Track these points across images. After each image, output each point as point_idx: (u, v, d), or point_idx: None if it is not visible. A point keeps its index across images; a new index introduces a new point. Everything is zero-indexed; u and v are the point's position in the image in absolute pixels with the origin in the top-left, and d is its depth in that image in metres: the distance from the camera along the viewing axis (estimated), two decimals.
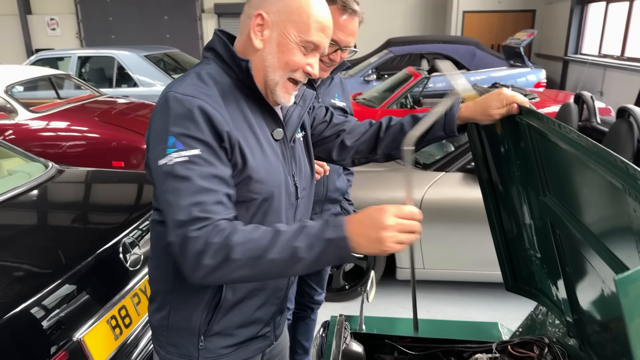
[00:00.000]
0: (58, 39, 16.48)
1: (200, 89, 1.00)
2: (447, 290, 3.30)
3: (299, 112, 1.18)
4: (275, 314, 1.24)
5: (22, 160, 2.42)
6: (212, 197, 0.94)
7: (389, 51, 7.88)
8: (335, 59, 1.67)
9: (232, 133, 0.99)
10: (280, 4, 1.03)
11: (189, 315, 1.10)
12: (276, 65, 1.04)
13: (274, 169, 1.08)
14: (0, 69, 5.28)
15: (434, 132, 1.33)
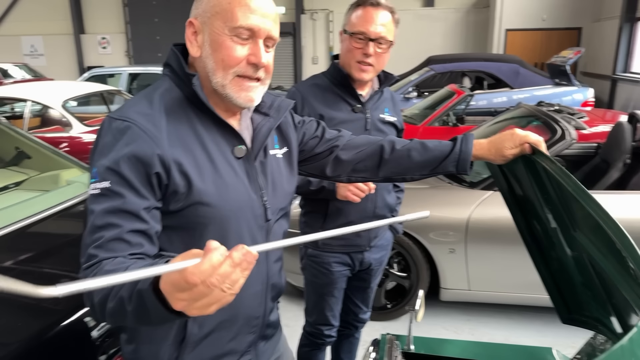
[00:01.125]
0: (108, 57, 17.26)
1: (138, 109, 0.94)
2: (492, 313, 3.20)
3: (271, 124, 1.09)
4: (255, 341, 1.16)
5: (80, 171, 2.53)
6: (111, 232, 0.85)
7: (430, 69, 7.85)
8: (368, 52, 1.66)
9: (167, 156, 0.91)
10: (203, 5, 0.98)
11: (156, 350, 1.03)
12: (214, 66, 0.96)
13: (231, 190, 0.99)
14: (57, 84, 5.57)
15: (445, 166, 1.29)
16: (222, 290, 0.66)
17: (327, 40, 15.53)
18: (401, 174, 1.35)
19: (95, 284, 0.59)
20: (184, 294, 0.66)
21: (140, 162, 0.89)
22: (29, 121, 4.84)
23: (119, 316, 0.78)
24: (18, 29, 18.40)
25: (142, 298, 0.72)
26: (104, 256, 0.83)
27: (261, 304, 1.12)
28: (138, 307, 0.74)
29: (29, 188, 2.38)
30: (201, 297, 0.66)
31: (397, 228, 2.11)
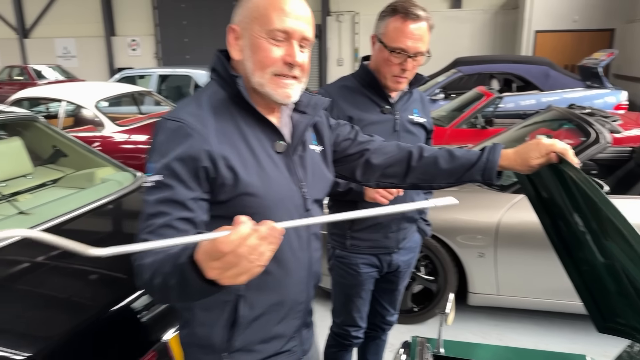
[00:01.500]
0: (138, 59, 17.63)
1: (188, 110, 1.03)
2: (521, 318, 3.14)
3: (308, 121, 1.17)
4: (300, 327, 1.23)
5: (114, 170, 2.59)
6: (161, 220, 0.94)
7: (457, 70, 7.77)
8: (406, 67, 1.66)
9: (214, 152, 0.99)
10: (243, 11, 1.07)
11: (209, 332, 1.11)
12: (253, 67, 1.05)
13: (273, 182, 1.07)
14: (90, 85, 5.72)
15: (471, 174, 1.30)
16: (250, 261, 0.72)
17: (352, 42, 15.53)
18: (428, 182, 1.37)
19: (137, 247, 0.70)
20: (216, 263, 0.73)
21: (189, 158, 0.97)
22: (63, 121, 4.99)
23: (165, 291, 0.87)
24: (52, 32, 18.97)
25: (182, 271, 0.79)
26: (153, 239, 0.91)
27: (304, 290, 1.19)
28: (179, 280, 0.81)
29: (65, 185, 2.46)
30: (231, 266, 0.73)
31: (426, 230, 2.09)
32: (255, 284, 1.06)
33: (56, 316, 1.39)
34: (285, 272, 1.12)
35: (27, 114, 2.61)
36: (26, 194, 2.28)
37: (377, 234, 1.88)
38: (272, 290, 1.12)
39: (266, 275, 1.07)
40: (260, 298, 1.10)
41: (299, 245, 1.14)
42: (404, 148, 1.36)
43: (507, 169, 1.28)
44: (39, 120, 2.65)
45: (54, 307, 1.45)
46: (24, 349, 1.20)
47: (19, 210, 2.02)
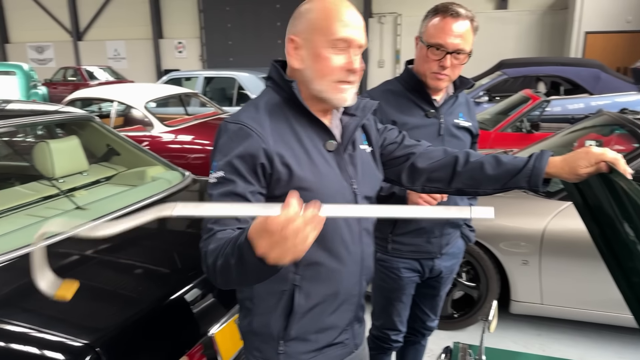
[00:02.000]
0: (183, 61, 18.14)
1: (247, 114, 1.12)
2: (565, 329, 3.05)
3: (357, 122, 1.22)
4: (352, 321, 1.28)
5: (163, 169, 2.69)
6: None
7: (502, 73, 7.59)
8: (445, 64, 1.66)
9: (271, 150, 1.07)
10: (304, 22, 1.12)
11: (267, 321, 1.18)
12: (314, 76, 1.11)
13: (325, 178, 1.13)
14: (140, 86, 5.93)
15: (517, 181, 1.29)
16: (294, 243, 0.76)
17: (394, 44, 15.43)
18: (473, 187, 1.37)
19: (203, 212, 0.84)
20: (264, 241, 0.78)
21: (248, 156, 1.06)
22: (114, 120, 5.21)
23: (226, 272, 0.93)
24: (103, 34, 19.78)
25: (239, 248, 0.86)
26: (217, 229, 1.01)
27: (357, 283, 1.24)
28: (238, 259, 0.88)
29: (117, 183, 2.57)
30: (276, 245, 0.77)
31: (470, 237, 2.07)
32: (309, 275, 1.15)
33: (111, 308, 1.47)
34: (338, 264, 1.18)
35: (84, 114, 2.75)
36: (82, 190, 2.40)
37: (419, 238, 1.88)
38: (326, 281, 1.17)
39: (319, 267, 1.15)
40: (315, 288, 1.16)
41: (351, 238, 1.19)
42: (450, 153, 1.38)
43: (554, 177, 1.26)
44: (95, 120, 2.79)
45: (108, 299, 1.53)
46: (83, 336, 1.27)
47: (76, 206, 2.14)
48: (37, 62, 21.04)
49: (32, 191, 2.33)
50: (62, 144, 2.54)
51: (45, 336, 1.29)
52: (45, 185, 2.36)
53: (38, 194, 2.30)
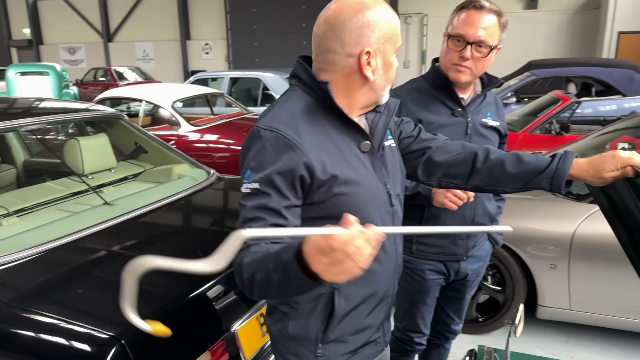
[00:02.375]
0: (210, 62, 18.39)
1: (281, 119, 1.07)
2: (594, 336, 2.96)
3: (385, 120, 1.19)
4: (384, 319, 1.28)
5: (189, 167, 2.73)
6: (257, 224, 1.00)
7: (531, 73, 7.43)
8: (465, 55, 1.62)
9: (311, 160, 1.03)
10: (376, 33, 1.08)
11: (305, 324, 1.15)
12: (384, 84, 1.13)
13: (363, 181, 1.11)
14: (167, 86, 6.03)
15: (539, 181, 1.25)
16: (354, 261, 0.75)
17: (420, 44, 15.31)
18: (493, 185, 1.33)
19: (268, 233, 0.85)
20: (324, 258, 0.77)
21: (288, 171, 1.03)
22: (142, 119, 5.31)
23: (266, 287, 0.92)
24: (133, 36, 20.21)
25: (285, 266, 0.85)
26: (250, 242, 0.98)
27: (392, 283, 1.24)
28: (282, 275, 0.86)
29: (145, 180, 2.62)
30: (337, 263, 0.76)
31: (497, 240, 2.03)
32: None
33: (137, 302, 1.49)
34: (377, 265, 1.16)
35: (112, 112, 2.81)
36: (110, 186, 2.45)
37: (445, 240, 1.85)
38: (365, 283, 1.16)
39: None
40: (355, 290, 1.15)
41: (387, 239, 1.18)
42: (470, 148, 1.34)
43: (578, 179, 1.22)
44: (123, 118, 2.84)
45: None
46: (109, 329, 1.29)
47: (104, 201, 2.18)
48: (69, 63, 21.64)
49: (62, 187, 2.39)
50: (91, 141, 2.60)
51: (72, 327, 1.31)
52: (75, 181, 2.42)
53: (68, 189, 2.36)
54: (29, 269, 1.64)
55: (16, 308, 1.41)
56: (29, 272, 1.62)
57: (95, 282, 1.59)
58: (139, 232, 2.03)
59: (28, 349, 1.34)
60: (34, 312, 1.38)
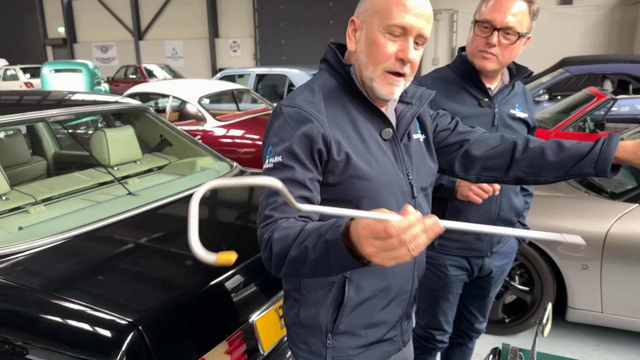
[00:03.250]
0: (238, 60, 18.57)
1: (303, 97, 1.07)
2: (628, 341, 2.84)
3: (414, 111, 1.17)
4: (402, 318, 1.23)
5: (213, 159, 2.74)
6: (282, 198, 0.97)
7: (565, 70, 7.20)
8: (492, 41, 1.56)
9: (328, 135, 1.03)
10: (365, 4, 1.07)
11: (315, 313, 1.14)
12: (366, 61, 1.06)
13: (382, 167, 1.09)
14: (194, 82, 6.10)
15: (582, 167, 1.19)
16: (408, 249, 0.73)
17: (449, 41, 15.08)
18: (533, 175, 1.28)
19: (326, 210, 0.78)
20: (378, 242, 0.75)
21: (307, 141, 1.02)
22: (169, 115, 5.38)
23: (299, 264, 0.90)
24: (162, 34, 20.57)
25: (328, 245, 0.83)
26: (278, 216, 0.97)
27: (409, 279, 1.20)
28: (322, 253, 0.84)
29: (169, 172, 2.64)
30: (390, 249, 0.74)
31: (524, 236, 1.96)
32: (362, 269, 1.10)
33: (155, 291, 1.50)
34: None
35: (138, 104, 2.84)
36: (135, 177, 2.48)
37: (468, 235, 1.79)
38: (378, 276, 1.13)
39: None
40: (367, 282, 1.13)
41: None
42: (508, 139, 1.29)
43: (624, 162, 1.16)
44: (149, 111, 2.88)
45: (153, 282, 1.55)
46: (127, 314, 1.30)
47: (128, 192, 2.20)
48: (102, 61, 22.18)
49: (89, 177, 2.43)
50: (117, 133, 2.64)
51: (92, 312, 1.32)
52: (101, 172, 2.45)
53: (94, 180, 2.39)
54: (52, 255, 1.66)
55: (39, 292, 1.44)
56: (52, 259, 1.64)
57: (116, 269, 1.60)
58: (160, 222, 2.04)
59: (49, 332, 1.36)
60: (56, 297, 1.40)
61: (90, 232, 1.81)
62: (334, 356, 1.16)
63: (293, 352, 1.22)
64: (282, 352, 1.75)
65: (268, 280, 1.78)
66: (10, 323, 1.42)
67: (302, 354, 1.19)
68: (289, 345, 1.24)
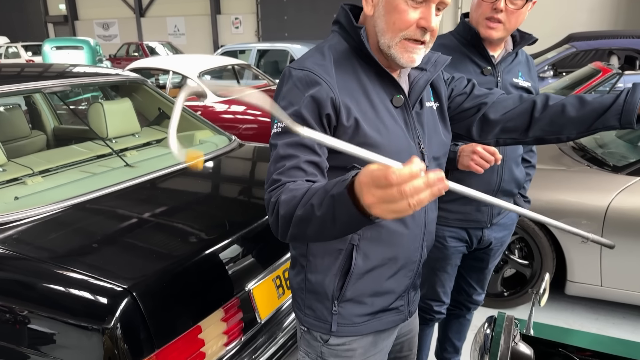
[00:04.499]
0: (240, 36, 18.36)
1: (313, 60, 1.04)
2: (626, 314, 2.85)
3: (427, 77, 1.13)
4: (409, 288, 1.22)
5: (211, 133, 2.72)
6: (291, 162, 0.96)
7: (571, 46, 7.08)
8: (498, 7, 1.51)
9: (338, 100, 1.00)
10: None
11: (322, 279, 1.13)
12: (384, 28, 1.02)
13: (392, 135, 1.06)
14: (194, 57, 6.04)
15: (606, 120, 1.15)
16: (408, 203, 0.67)
17: (455, 6, 14.73)
18: (555, 133, 1.25)
19: (332, 142, 0.73)
20: (378, 191, 0.69)
21: (316, 104, 0.99)
22: (169, 91, 5.33)
23: (304, 224, 0.86)
24: (164, 11, 20.31)
25: (334, 199, 0.79)
26: (286, 180, 0.94)
27: (418, 249, 1.18)
28: (328, 210, 0.80)
29: (167, 145, 2.62)
30: (389, 200, 0.68)
31: (524, 208, 1.94)
32: (369, 236, 1.10)
33: (150, 258, 1.50)
34: (400, 227, 1.12)
35: (136, 76, 2.80)
36: (133, 150, 2.47)
37: (468, 206, 1.77)
38: (386, 244, 1.12)
39: (381, 228, 1.10)
40: (374, 250, 1.11)
41: None
42: (527, 99, 1.25)
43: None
44: (147, 84, 2.84)
45: (149, 250, 1.55)
46: (121, 281, 1.30)
47: (126, 163, 2.19)
48: (103, 39, 21.99)
49: (87, 150, 2.42)
50: (115, 106, 2.61)
51: (87, 279, 1.33)
52: (99, 144, 2.44)
53: (92, 152, 2.38)
54: (48, 224, 1.66)
55: (34, 260, 1.44)
56: (48, 228, 1.64)
57: (112, 238, 1.60)
58: (157, 193, 2.03)
59: (43, 300, 1.37)
60: (50, 265, 1.40)
61: (87, 202, 1.81)
62: (339, 323, 1.15)
63: (298, 317, 1.22)
64: (280, 322, 1.76)
65: (265, 250, 1.78)
66: (5, 291, 1.42)
67: (307, 319, 1.19)
68: (294, 309, 1.24)
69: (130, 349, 1.24)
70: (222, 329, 1.50)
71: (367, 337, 1.19)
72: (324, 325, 1.16)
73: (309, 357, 1.22)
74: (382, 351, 1.26)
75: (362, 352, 1.20)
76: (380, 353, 1.25)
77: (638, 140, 3.07)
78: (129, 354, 1.24)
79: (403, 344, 1.39)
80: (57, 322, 1.33)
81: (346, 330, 1.16)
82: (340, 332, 1.16)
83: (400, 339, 1.36)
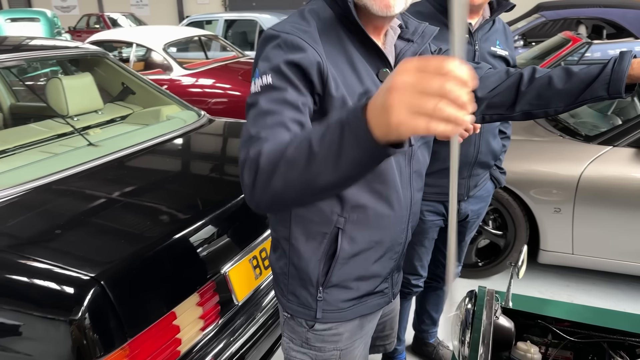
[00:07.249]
0: (206, 7, 17.75)
1: (297, 25, 0.95)
2: (595, 280, 2.93)
3: (414, 49, 1.06)
4: (393, 270, 1.20)
5: (179, 108, 2.60)
6: (273, 118, 0.83)
7: (540, 15, 7.10)
8: None
9: (325, 70, 0.91)
10: None
11: (306, 264, 1.08)
12: None
13: None
14: (159, 29, 5.78)
15: (593, 90, 1.13)
16: (435, 104, 0.52)
17: None
18: (542, 107, 1.22)
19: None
20: (417, 75, 0.54)
21: (301, 66, 0.89)
22: (134, 65, 5.11)
23: (290, 171, 0.72)
24: None
25: (343, 126, 0.64)
26: (267, 135, 0.80)
27: (403, 230, 1.14)
28: (331, 144, 0.66)
29: (132, 122, 2.50)
30: (414, 98, 0.53)
31: (500, 180, 1.93)
32: (355, 219, 1.04)
33: (118, 243, 1.41)
34: (386, 209, 1.06)
35: (96, 49, 2.64)
36: (96, 128, 2.34)
37: (445, 179, 1.73)
38: (372, 227, 1.07)
39: (367, 210, 1.04)
40: (361, 233, 1.06)
41: (401, 181, 1.07)
42: (514, 73, 1.21)
43: (639, 80, 1.11)
44: (108, 57, 2.69)
45: (116, 235, 1.46)
46: (88, 269, 1.22)
47: (89, 142, 2.08)
48: (61, 10, 20.91)
49: (46, 129, 2.28)
50: (75, 81, 2.47)
51: (50, 268, 1.25)
52: (60, 123, 2.30)
53: (52, 131, 2.25)
54: (6, 210, 1.56)
55: None
56: (6, 213, 1.54)
57: (76, 222, 1.51)
58: (123, 173, 1.93)
59: (5, 291, 1.28)
60: (11, 253, 1.31)
61: (48, 184, 1.70)
62: (324, 309, 1.11)
63: (280, 303, 1.17)
64: (257, 302, 1.72)
65: (241, 230, 1.73)
66: None
67: (290, 306, 1.14)
68: (277, 295, 1.19)
69: (100, 340, 1.18)
70: (198, 313, 1.45)
71: (353, 321, 1.16)
72: (309, 312, 1.12)
73: (293, 342, 1.18)
74: (368, 333, 1.24)
75: (349, 335, 1.17)
76: (366, 335, 1.23)
77: (609, 109, 3.11)
78: (100, 344, 1.18)
79: (385, 324, 1.37)
80: (21, 314, 1.25)
81: (331, 316, 1.12)
82: (326, 319, 1.12)
83: (383, 319, 1.34)
